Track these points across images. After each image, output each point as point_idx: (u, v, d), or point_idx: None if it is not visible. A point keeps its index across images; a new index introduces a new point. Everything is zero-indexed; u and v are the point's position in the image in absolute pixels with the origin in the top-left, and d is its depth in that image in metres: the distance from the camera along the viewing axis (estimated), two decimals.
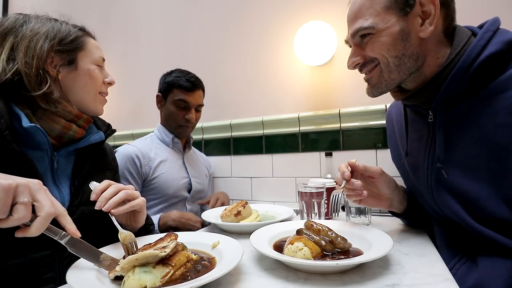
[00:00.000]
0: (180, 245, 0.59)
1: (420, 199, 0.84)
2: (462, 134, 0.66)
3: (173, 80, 1.37)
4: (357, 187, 0.75)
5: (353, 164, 0.78)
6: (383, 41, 0.69)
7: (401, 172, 0.93)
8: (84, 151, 0.80)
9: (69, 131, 0.75)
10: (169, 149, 1.42)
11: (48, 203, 0.50)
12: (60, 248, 0.69)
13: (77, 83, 0.78)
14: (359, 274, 0.59)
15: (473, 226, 0.64)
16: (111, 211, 0.65)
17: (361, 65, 0.75)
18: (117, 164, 0.97)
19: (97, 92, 0.82)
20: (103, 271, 0.57)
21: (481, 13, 0.83)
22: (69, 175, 0.77)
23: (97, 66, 0.81)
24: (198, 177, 1.46)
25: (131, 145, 1.35)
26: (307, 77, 1.51)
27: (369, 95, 0.78)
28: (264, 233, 0.77)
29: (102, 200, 0.65)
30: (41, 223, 0.49)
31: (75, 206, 0.73)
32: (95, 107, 0.82)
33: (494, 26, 0.64)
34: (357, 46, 0.74)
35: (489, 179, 0.62)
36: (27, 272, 0.65)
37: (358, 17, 0.71)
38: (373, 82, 0.75)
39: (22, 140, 0.68)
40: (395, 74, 0.71)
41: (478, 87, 0.63)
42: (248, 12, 1.66)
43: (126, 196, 0.68)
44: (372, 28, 0.69)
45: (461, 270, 0.65)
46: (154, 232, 1.05)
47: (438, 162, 0.68)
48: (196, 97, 1.39)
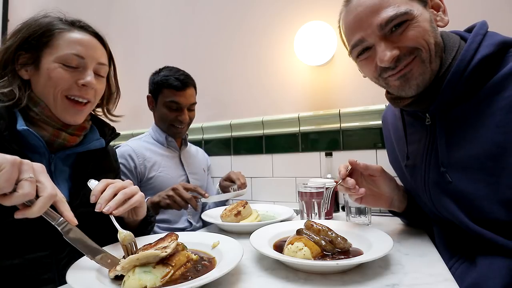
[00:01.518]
0: (180, 245, 0.59)
1: (417, 200, 0.84)
2: (459, 136, 0.67)
3: (161, 80, 1.32)
4: (350, 185, 0.75)
5: (354, 162, 0.78)
6: (422, 26, 0.65)
7: (398, 174, 0.93)
8: (85, 154, 0.80)
9: (58, 138, 0.73)
10: (164, 148, 1.40)
11: (50, 184, 0.51)
12: (57, 249, 0.70)
13: (39, 85, 0.71)
14: (359, 274, 0.59)
15: (471, 227, 0.65)
16: (113, 212, 0.65)
17: (396, 59, 0.67)
18: (119, 166, 0.97)
19: (61, 95, 0.71)
20: (103, 271, 0.57)
21: (466, 16, 0.84)
22: (68, 177, 0.77)
23: (61, 65, 0.70)
24: (195, 173, 1.45)
25: (125, 144, 1.34)
26: (307, 77, 1.51)
27: (407, 93, 0.70)
28: (264, 233, 0.77)
29: (102, 202, 0.64)
30: (43, 203, 0.49)
31: (74, 207, 0.73)
32: (61, 114, 0.72)
33: (483, 29, 0.66)
34: (386, 39, 0.67)
35: (485, 179, 0.62)
36: (25, 273, 0.65)
37: (383, 6, 0.65)
38: (415, 74, 0.67)
39: (20, 142, 0.68)
40: (434, 64, 0.67)
41: (474, 89, 0.64)
42: (248, 12, 1.66)
43: (125, 197, 0.67)
44: (409, 13, 0.64)
45: (459, 269, 0.65)
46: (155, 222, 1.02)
47: (442, 167, 0.69)
48: (187, 96, 1.33)
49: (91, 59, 0.74)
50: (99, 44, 0.78)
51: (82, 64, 0.73)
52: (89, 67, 0.74)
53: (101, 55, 0.78)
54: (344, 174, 0.77)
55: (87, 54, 0.73)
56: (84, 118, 0.77)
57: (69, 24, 0.74)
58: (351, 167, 0.79)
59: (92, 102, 0.77)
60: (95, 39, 0.77)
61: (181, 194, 1.05)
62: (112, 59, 0.85)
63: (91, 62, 0.74)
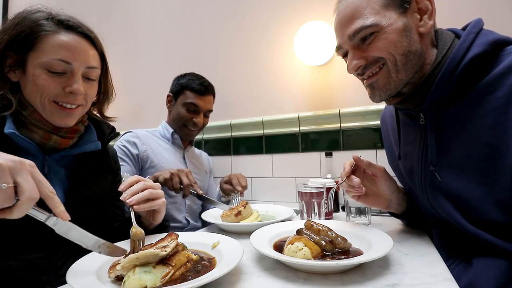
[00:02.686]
0: (180, 245, 0.59)
1: (416, 201, 0.84)
2: (453, 136, 0.66)
3: (186, 83, 1.39)
4: (355, 184, 0.75)
5: (358, 159, 0.78)
6: (389, 38, 0.66)
7: (396, 174, 0.93)
8: (83, 155, 0.78)
9: (48, 141, 0.71)
10: (169, 144, 1.43)
11: (29, 186, 0.46)
12: (53, 250, 0.69)
13: (26, 89, 0.69)
14: (359, 274, 0.59)
15: (467, 228, 0.65)
16: (134, 206, 0.68)
17: (363, 67, 0.72)
18: (118, 166, 0.95)
19: (48, 101, 0.69)
20: (104, 271, 0.57)
21: (465, 15, 0.83)
22: (64, 178, 0.75)
23: (46, 71, 0.67)
24: (198, 173, 1.46)
25: (132, 131, 1.38)
26: (307, 77, 1.51)
27: (374, 100, 0.74)
28: (264, 233, 0.77)
29: (129, 193, 0.68)
30: (22, 208, 0.46)
31: (70, 208, 0.71)
32: (50, 118, 0.70)
33: (477, 27, 0.65)
34: (356, 48, 0.71)
35: (480, 181, 0.62)
36: (22, 275, 0.65)
37: (355, 17, 0.69)
38: (380, 85, 0.71)
39: (10, 145, 0.67)
40: (402, 74, 0.68)
41: (466, 89, 0.64)
42: (248, 12, 1.66)
43: (150, 195, 0.70)
44: (376, 25, 0.67)
45: (456, 270, 0.65)
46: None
47: (431, 165, 0.68)
48: (206, 102, 1.40)
49: (79, 63, 0.70)
50: (89, 45, 0.73)
51: (69, 69, 0.69)
52: (77, 72, 0.70)
53: (91, 58, 0.73)
54: (349, 172, 0.77)
55: (74, 58, 0.69)
56: (75, 120, 0.74)
57: (56, 24, 0.69)
58: (355, 163, 0.79)
59: (83, 106, 0.74)
60: (84, 40, 0.72)
61: (182, 177, 1.08)
62: (104, 59, 0.80)
63: (79, 67, 0.70)
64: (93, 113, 0.86)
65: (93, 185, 0.80)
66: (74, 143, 0.77)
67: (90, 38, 0.74)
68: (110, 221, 0.86)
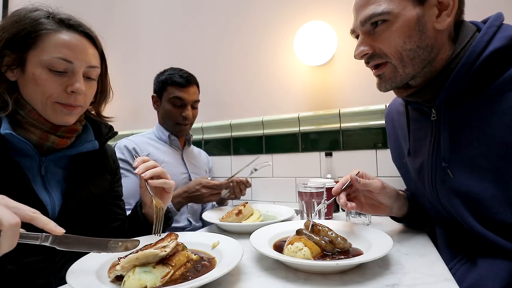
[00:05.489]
0: (180, 245, 0.60)
1: (421, 200, 0.83)
2: (467, 133, 0.64)
3: (166, 78, 1.36)
4: (342, 204, 0.75)
5: (354, 180, 0.76)
6: (399, 29, 0.64)
7: (402, 172, 0.92)
8: (80, 155, 0.77)
9: (46, 141, 0.70)
10: (167, 146, 1.42)
11: (4, 214, 0.43)
12: (51, 253, 0.68)
13: (25, 89, 0.68)
14: (359, 274, 0.59)
15: (475, 227, 0.63)
16: (148, 180, 0.72)
17: (369, 56, 0.70)
18: (117, 166, 0.94)
19: (50, 101, 0.68)
20: (103, 271, 0.57)
21: (483, 9, 0.82)
22: (61, 179, 0.74)
23: (47, 70, 0.66)
24: (197, 173, 1.46)
25: (128, 139, 1.35)
26: (307, 77, 1.51)
27: (380, 90, 0.74)
28: (264, 233, 0.77)
29: (142, 168, 0.72)
30: (7, 237, 0.43)
31: (67, 210, 0.71)
32: (53, 117, 0.69)
33: (498, 21, 0.63)
34: (366, 34, 0.69)
35: (494, 180, 0.61)
36: (21, 278, 0.64)
37: (369, 2, 0.67)
38: (386, 77, 0.71)
39: (9, 147, 0.65)
40: (409, 68, 0.67)
41: (483, 84, 0.62)
42: (248, 12, 1.66)
43: (162, 172, 0.74)
44: (387, 13, 0.64)
45: (460, 270, 0.65)
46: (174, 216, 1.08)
47: (444, 162, 0.67)
48: (191, 93, 1.37)
49: (81, 62, 0.69)
50: (90, 45, 0.73)
51: (70, 68, 0.68)
52: (78, 71, 0.69)
53: (92, 57, 0.72)
54: (337, 190, 0.76)
55: (75, 57, 0.68)
56: (75, 119, 0.74)
57: (57, 22, 0.68)
58: (350, 181, 0.77)
59: (83, 106, 0.74)
60: (85, 39, 0.72)
61: (210, 185, 1.15)
62: (104, 58, 0.80)
63: (81, 66, 0.69)
64: (90, 112, 0.85)
65: (91, 186, 0.79)
66: (71, 143, 0.76)
67: (91, 37, 0.74)
68: (110, 221, 0.86)
